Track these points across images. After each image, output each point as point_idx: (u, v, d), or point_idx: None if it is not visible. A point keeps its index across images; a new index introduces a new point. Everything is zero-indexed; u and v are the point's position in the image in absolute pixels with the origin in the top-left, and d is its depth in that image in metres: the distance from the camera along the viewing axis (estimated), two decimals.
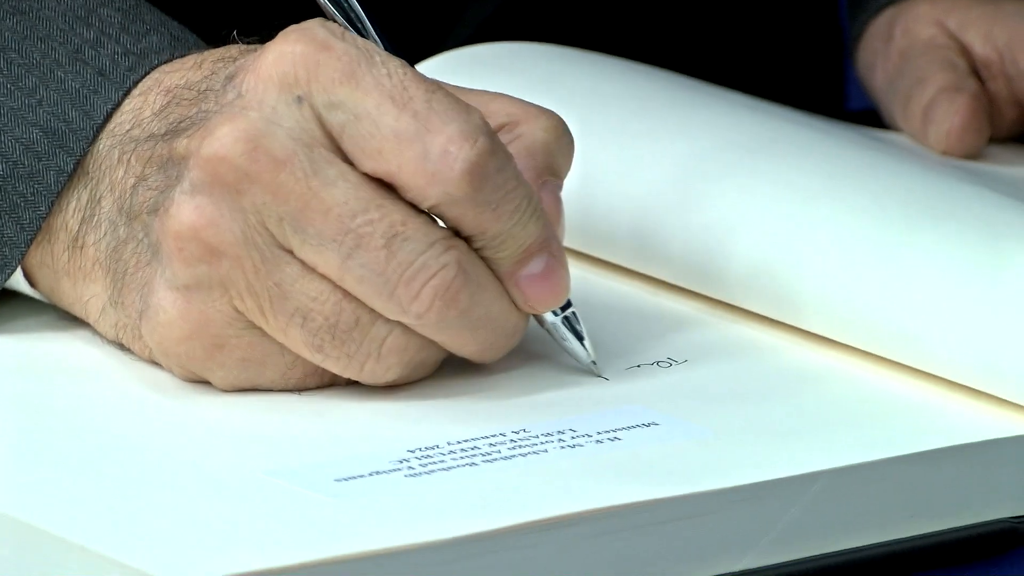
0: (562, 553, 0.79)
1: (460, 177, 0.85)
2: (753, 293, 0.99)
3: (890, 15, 1.26)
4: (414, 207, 0.86)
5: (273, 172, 0.87)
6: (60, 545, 0.78)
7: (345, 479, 0.79)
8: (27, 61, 0.97)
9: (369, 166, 0.85)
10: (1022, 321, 0.91)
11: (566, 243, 0.97)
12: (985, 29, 1.22)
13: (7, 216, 0.95)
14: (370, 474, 0.80)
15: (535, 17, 1.34)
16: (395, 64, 0.87)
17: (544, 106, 0.94)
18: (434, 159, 0.85)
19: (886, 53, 1.25)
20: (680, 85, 1.18)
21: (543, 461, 0.82)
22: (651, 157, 1.06)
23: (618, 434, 0.83)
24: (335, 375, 0.88)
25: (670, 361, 0.93)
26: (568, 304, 0.90)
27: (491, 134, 0.87)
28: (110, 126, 0.92)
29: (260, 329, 0.88)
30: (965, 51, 1.21)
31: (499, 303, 0.89)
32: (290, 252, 0.86)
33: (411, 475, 0.80)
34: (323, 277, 0.86)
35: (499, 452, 0.82)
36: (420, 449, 0.82)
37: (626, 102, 1.14)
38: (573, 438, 0.83)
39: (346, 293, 0.87)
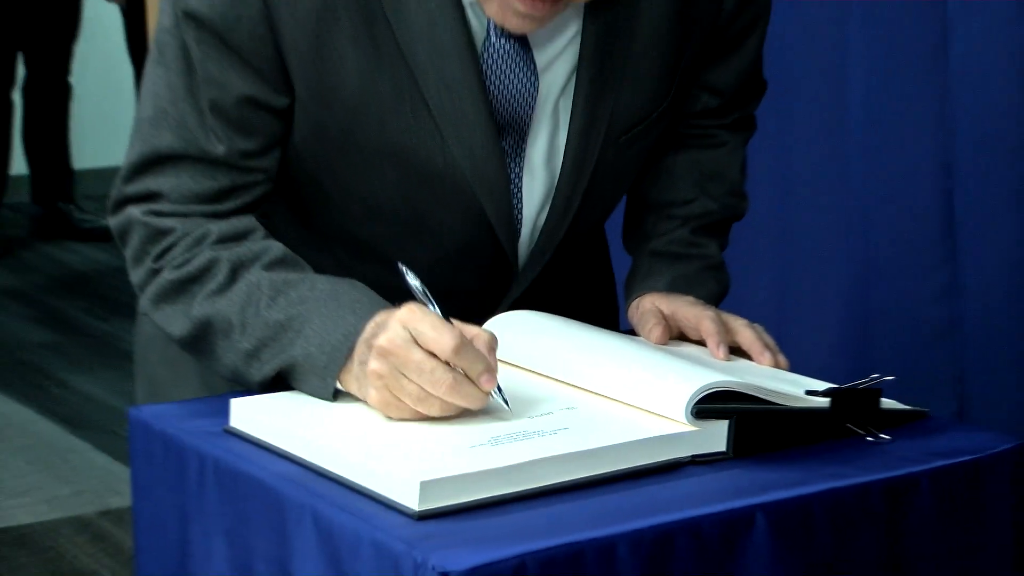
0: (549, 468, 1.04)
1: (451, 350, 1.10)
2: (596, 383, 1.19)
3: (638, 300, 1.38)
4: (442, 360, 1.10)
5: (396, 351, 1.12)
6: (360, 470, 1.03)
7: (470, 447, 1.07)
8: (332, 315, 1.18)
9: (427, 348, 1.11)
10: (671, 386, 1.13)
11: (527, 364, 1.24)
12: (667, 305, 1.35)
13: (324, 369, 1.17)
14: (479, 445, 1.07)
15: (537, 301, 1.36)
16: (437, 317, 1.12)
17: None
18: (442, 344, 1.09)
19: (635, 312, 1.38)
20: (587, 327, 1.32)
21: (535, 441, 1.08)
22: (568, 344, 1.27)
23: (556, 432, 1.10)
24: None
25: (571, 407, 1.16)
26: (500, 388, 1.12)
27: (463, 338, 1.11)
28: (359, 337, 1.16)
29: (403, 400, 1.12)
30: (661, 313, 1.34)
31: (472, 389, 1.11)
32: (404, 375, 1.11)
33: (493, 445, 1.07)
34: (415, 383, 1.11)
35: (519, 437, 1.09)
36: (493, 437, 1.08)
37: (566, 330, 1.31)
38: (543, 433, 1.09)
39: (421, 387, 1.11)
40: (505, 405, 1.12)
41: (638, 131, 1.33)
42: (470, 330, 1.12)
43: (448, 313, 1.15)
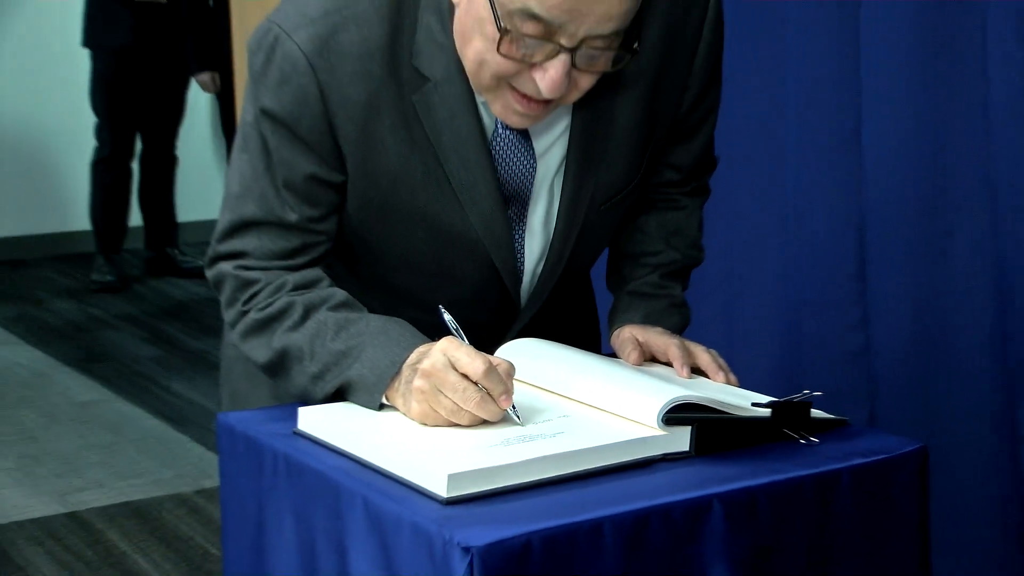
0: (549, 463, 1.02)
1: (481, 373, 1.08)
2: (586, 396, 1.17)
3: (618, 330, 1.35)
4: (472, 381, 1.08)
5: (436, 373, 1.09)
6: (400, 462, 1.01)
7: (489, 446, 1.04)
8: (383, 346, 1.17)
9: (462, 372, 1.09)
10: (646, 399, 1.11)
11: (531, 380, 1.21)
12: (641, 334, 1.32)
13: (373, 387, 1.15)
14: (497, 444, 1.05)
15: (536, 332, 1.33)
16: (468, 347, 1.10)
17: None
18: (474, 368, 1.08)
19: (616, 340, 1.34)
20: (579, 351, 1.29)
21: (538, 442, 1.06)
22: (564, 365, 1.24)
23: (555, 435, 1.08)
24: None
25: (566, 415, 1.14)
26: (514, 406, 1.10)
27: (491, 364, 1.09)
28: (405, 362, 1.14)
29: (438, 412, 1.10)
30: (636, 340, 1.31)
31: (494, 406, 1.09)
32: (442, 392, 1.10)
33: (505, 445, 1.05)
34: (450, 399, 1.09)
35: (527, 440, 1.06)
36: (507, 439, 1.06)
37: (561, 354, 1.27)
38: (544, 436, 1.07)
39: (454, 402, 1.09)
40: (517, 419, 1.10)
41: (615, 201, 1.32)
42: (494, 360, 1.11)
43: None
